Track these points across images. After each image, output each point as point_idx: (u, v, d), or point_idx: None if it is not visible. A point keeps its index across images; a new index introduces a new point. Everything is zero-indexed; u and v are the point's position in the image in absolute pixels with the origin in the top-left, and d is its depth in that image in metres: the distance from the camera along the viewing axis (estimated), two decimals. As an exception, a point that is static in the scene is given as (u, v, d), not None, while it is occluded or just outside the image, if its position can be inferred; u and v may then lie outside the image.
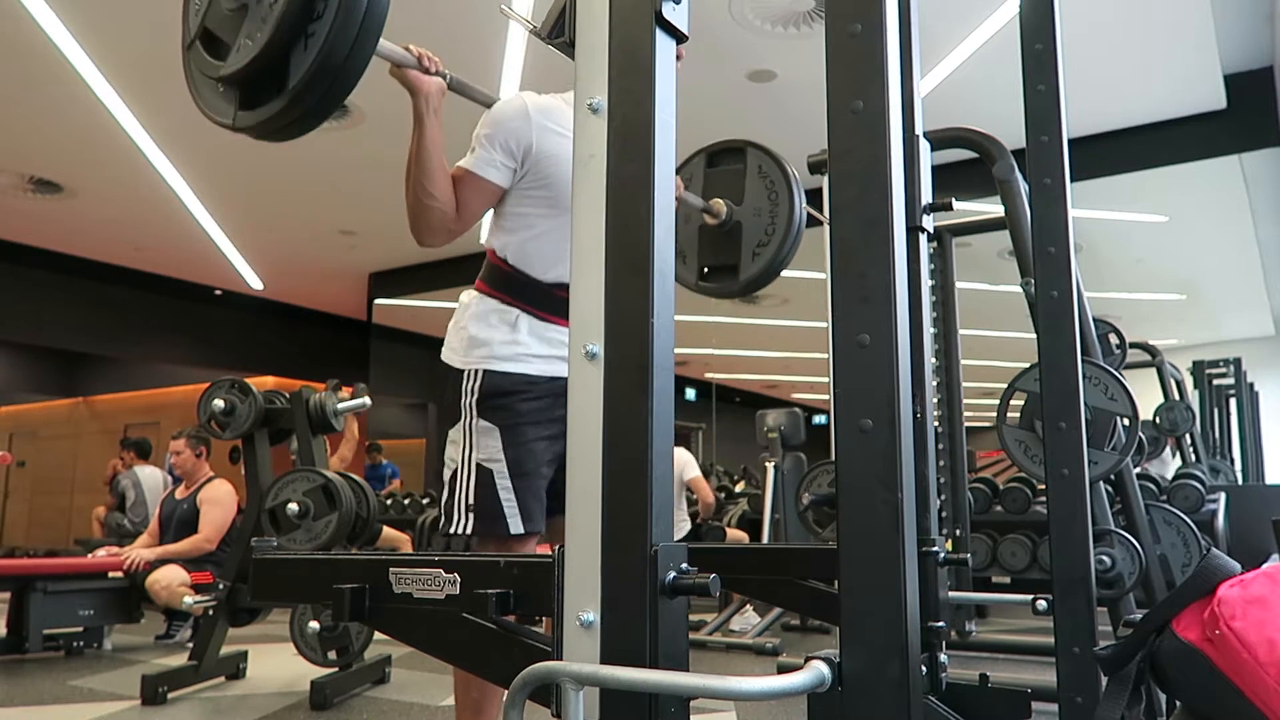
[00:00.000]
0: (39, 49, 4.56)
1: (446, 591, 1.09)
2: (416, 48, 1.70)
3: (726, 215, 2.21)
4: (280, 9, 1.14)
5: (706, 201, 2.22)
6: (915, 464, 0.94)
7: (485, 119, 1.80)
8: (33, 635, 3.91)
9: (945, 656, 1.68)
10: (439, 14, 4.34)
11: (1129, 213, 6.52)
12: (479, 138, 1.78)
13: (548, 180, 1.78)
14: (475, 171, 1.76)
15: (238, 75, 1.20)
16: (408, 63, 1.68)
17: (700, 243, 2.28)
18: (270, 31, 1.15)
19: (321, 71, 1.16)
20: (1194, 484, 4.36)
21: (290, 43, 1.16)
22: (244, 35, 1.19)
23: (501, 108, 1.79)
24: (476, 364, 1.81)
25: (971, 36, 4.56)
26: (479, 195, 1.78)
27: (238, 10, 1.20)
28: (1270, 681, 0.84)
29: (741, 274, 2.23)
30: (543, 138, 1.76)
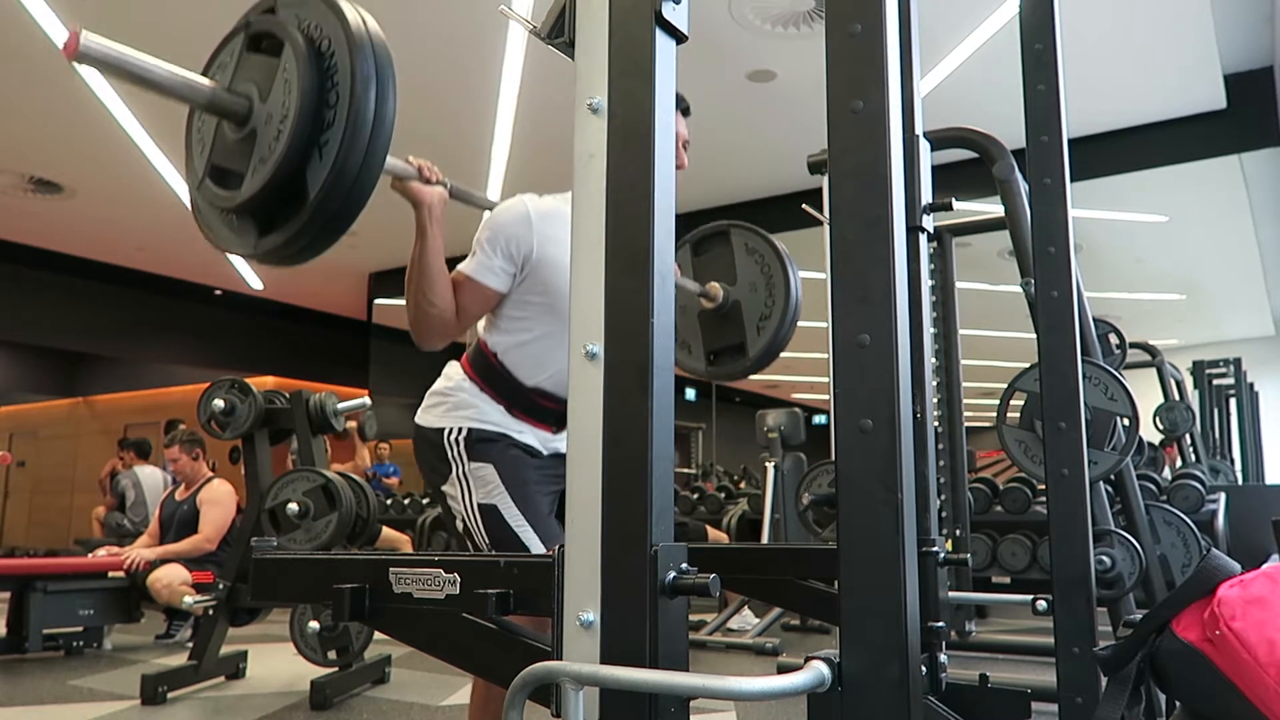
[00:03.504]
0: (39, 49, 4.56)
1: (446, 591, 1.08)
2: (416, 159, 1.69)
3: (724, 297, 2.22)
4: (291, 124, 1.13)
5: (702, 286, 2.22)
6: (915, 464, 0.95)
7: (487, 222, 1.79)
8: (33, 635, 3.91)
9: (945, 656, 1.68)
10: (439, 14, 4.34)
11: (1129, 213, 6.52)
12: (480, 242, 1.77)
13: (546, 287, 1.77)
14: (475, 278, 1.75)
15: (254, 200, 1.18)
16: (409, 175, 1.67)
17: (702, 328, 2.29)
18: (284, 149, 1.13)
19: (340, 179, 1.14)
20: (1194, 484, 4.36)
21: (305, 156, 1.15)
22: (255, 159, 1.18)
23: (504, 212, 1.78)
24: (460, 423, 1.80)
25: (971, 36, 4.57)
26: (478, 300, 1.77)
27: (246, 138, 1.19)
28: (1270, 682, 0.84)
29: (750, 351, 2.23)
30: (544, 245, 1.75)
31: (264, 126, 1.17)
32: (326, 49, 1.15)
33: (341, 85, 1.14)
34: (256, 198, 1.18)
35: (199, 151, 1.27)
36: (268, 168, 1.15)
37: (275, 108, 1.16)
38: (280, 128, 1.15)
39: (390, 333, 9.45)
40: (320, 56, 1.15)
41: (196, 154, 1.28)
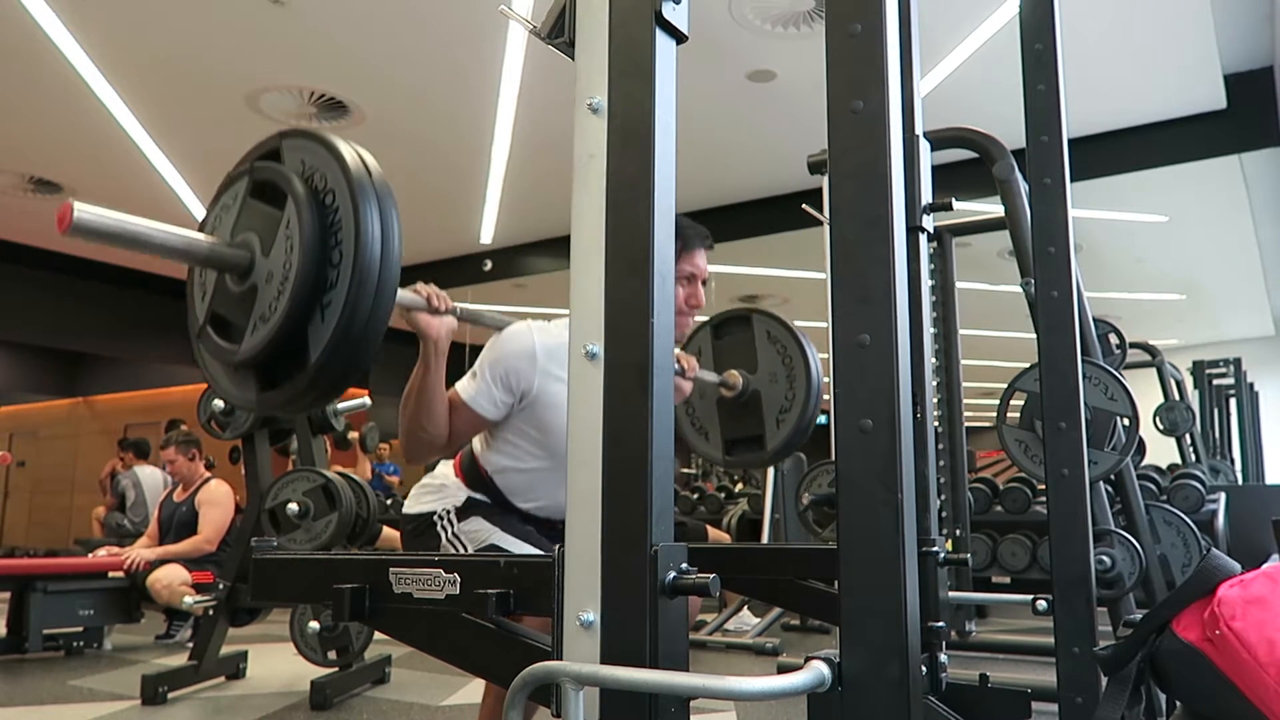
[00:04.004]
0: (39, 49, 4.56)
1: (446, 591, 1.09)
2: (425, 287, 1.62)
3: (743, 386, 2.20)
4: (293, 285, 1.09)
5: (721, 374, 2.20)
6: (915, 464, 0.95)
7: (492, 348, 1.76)
8: (33, 635, 3.91)
9: (945, 656, 1.68)
10: (439, 14, 4.34)
11: (1129, 213, 6.52)
12: (481, 367, 1.75)
13: (543, 425, 1.75)
14: (470, 405, 1.73)
15: (254, 358, 1.15)
16: (417, 305, 1.61)
17: (720, 416, 2.26)
18: (284, 310, 1.10)
19: (343, 341, 1.09)
20: (1194, 484, 4.37)
21: (306, 317, 1.11)
22: (256, 316, 1.14)
23: (509, 341, 1.75)
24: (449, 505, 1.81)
25: (971, 36, 4.56)
26: (471, 425, 1.76)
27: (247, 292, 1.16)
28: (1270, 682, 0.84)
29: (768, 444, 2.21)
30: (545, 383, 1.73)
31: (265, 284, 1.13)
32: (330, 203, 1.12)
33: (345, 244, 1.10)
34: (256, 356, 1.15)
35: (200, 298, 1.24)
36: (268, 328, 1.12)
37: (277, 265, 1.13)
38: (281, 287, 1.11)
39: (390, 333, 9.43)
40: (324, 211, 1.12)
41: (198, 299, 1.25)
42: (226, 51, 4.69)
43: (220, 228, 1.22)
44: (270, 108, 5.30)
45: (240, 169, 1.22)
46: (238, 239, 1.18)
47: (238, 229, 1.19)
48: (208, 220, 1.25)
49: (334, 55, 4.74)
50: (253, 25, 4.42)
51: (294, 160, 1.17)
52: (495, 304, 8.82)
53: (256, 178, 1.18)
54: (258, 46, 4.64)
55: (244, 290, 1.16)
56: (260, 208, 1.17)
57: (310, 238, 1.10)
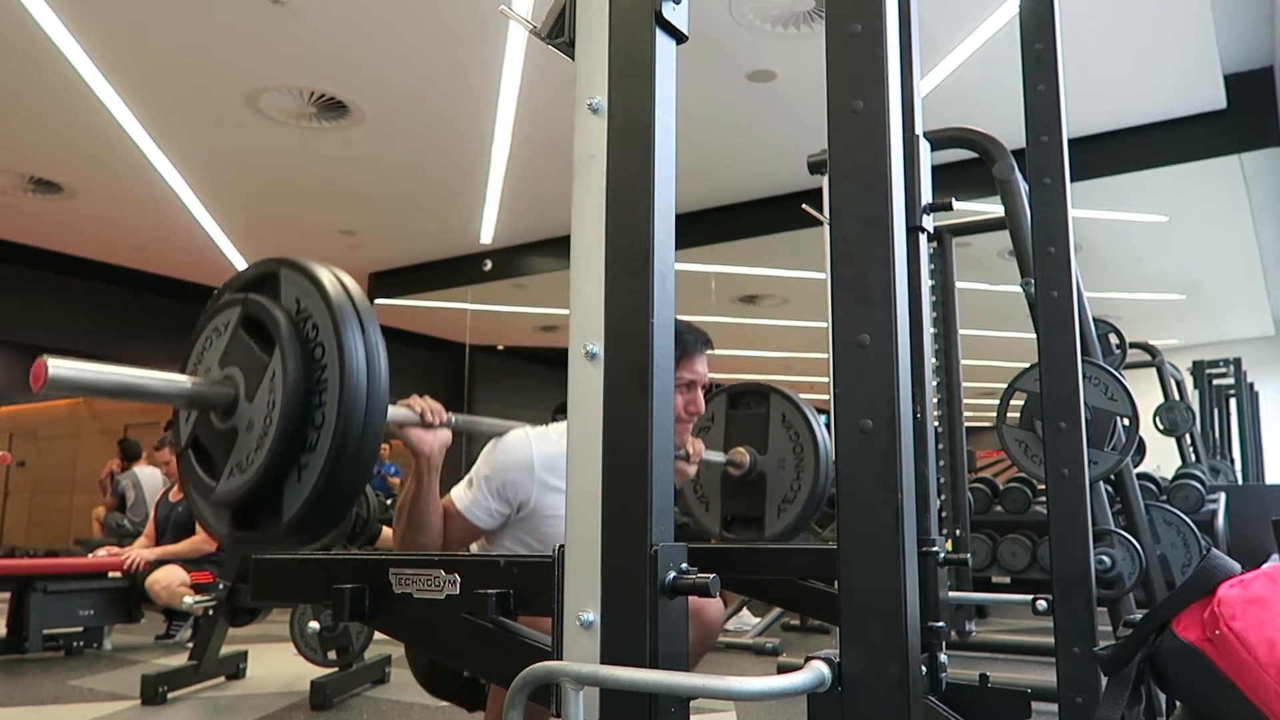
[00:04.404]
0: (39, 49, 4.56)
1: (446, 592, 1.09)
2: (420, 401, 1.57)
3: (749, 466, 2.18)
4: (272, 441, 1.07)
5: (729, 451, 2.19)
6: (915, 464, 0.95)
7: (490, 457, 1.73)
8: (33, 635, 3.91)
9: (945, 656, 1.68)
10: (439, 14, 4.34)
11: (1129, 213, 6.52)
12: (478, 477, 1.72)
13: (541, 535, 1.74)
14: (465, 515, 1.71)
15: (228, 500, 1.14)
16: (409, 421, 1.56)
17: (724, 490, 2.26)
18: (261, 465, 1.08)
19: (319, 503, 1.08)
20: (1194, 484, 4.36)
21: (282, 476, 1.10)
22: (233, 462, 1.13)
23: (507, 454, 1.72)
24: None
25: (971, 36, 4.56)
26: (465, 534, 1.74)
27: (228, 432, 1.14)
28: (1270, 682, 0.84)
29: (767, 530, 2.21)
30: (543, 495, 1.71)
31: (245, 432, 1.12)
32: (319, 357, 1.09)
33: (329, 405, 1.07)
34: (230, 501, 1.14)
35: (185, 417, 1.23)
36: (243, 478, 1.11)
37: (258, 415, 1.11)
38: (260, 441, 1.09)
39: (390, 333, 9.40)
40: (311, 366, 1.09)
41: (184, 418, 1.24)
42: (226, 51, 4.69)
43: (210, 352, 1.20)
44: (270, 108, 5.30)
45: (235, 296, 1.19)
46: (223, 374, 1.16)
47: (226, 359, 1.17)
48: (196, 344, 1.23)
49: (334, 55, 4.74)
50: (253, 25, 4.42)
51: (290, 298, 1.14)
52: (495, 304, 8.82)
53: (249, 310, 1.15)
54: (258, 46, 4.64)
55: (226, 429, 1.15)
56: (249, 344, 1.15)
57: (294, 395, 1.07)
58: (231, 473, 1.13)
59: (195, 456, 1.20)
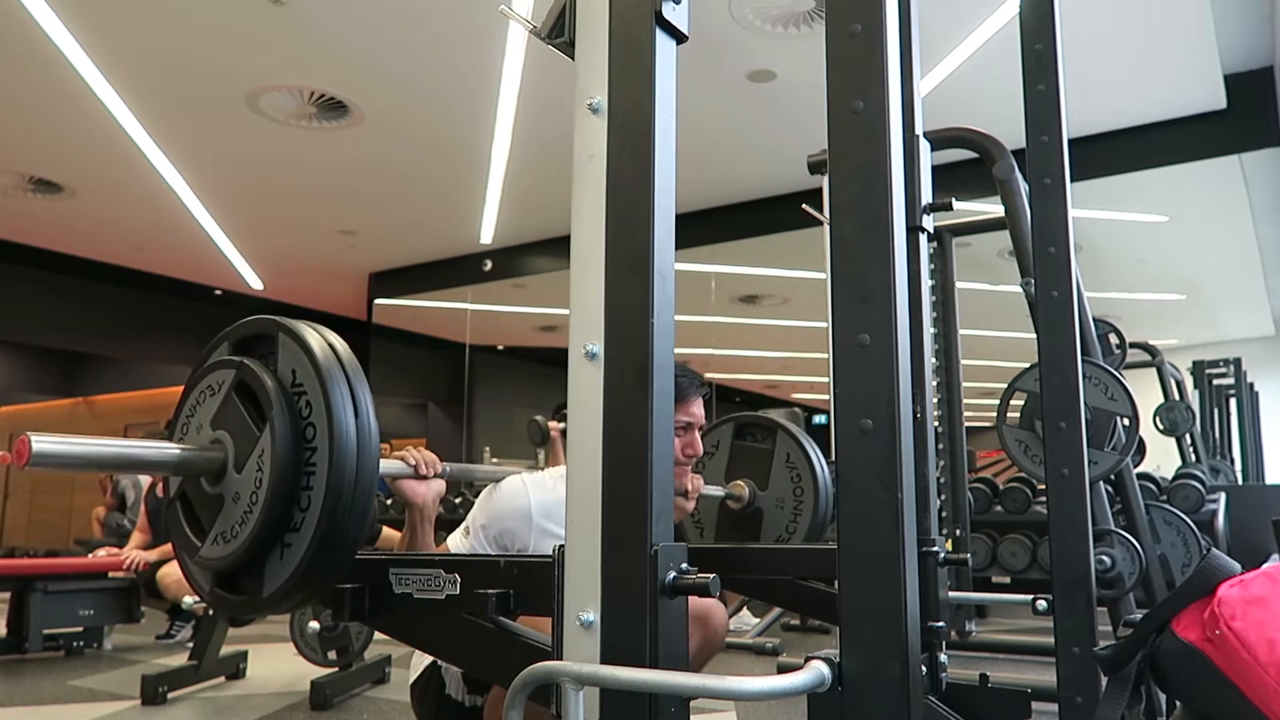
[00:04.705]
0: (39, 49, 4.56)
1: (446, 591, 1.09)
2: (414, 454, 1.57)
3: (748, 501, 2.18)
4: (257, 519, 1.07)
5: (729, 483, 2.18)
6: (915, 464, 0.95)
7: (487, 505, 1.73)
8: (33, 635, 3.91)
9: (945, 656, 1.68)
10: (439, 14, 4.34)
11: (1129, 213, 6.52)
12: (475, 525, 1.72)
13: None
14: None
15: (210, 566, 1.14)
16: (404, 475, 1.56)
17: (720, 519, 2.25)
18: (245, 540, 1.08)
19: (301, 580, 1.07)
20: (1194, 484, 4.36)
21: (265, 552, 1.09)
22: (217, 530, 1.12)
23: (504, 502, 1.72)
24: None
25: (971, 36, 4.56)
26: None
27: (215, 497, 1.14)
28: (1270, 681, 0.84)
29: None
30: (540, 541, 1.70)
31: (231, 503, 1.11)
32: (310, 437, 1.08)
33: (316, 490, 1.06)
34: (212, 565, 1.14)
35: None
36: (227, 549, 1.11)
37: (245, 488, 1.10)
38: (245, 517, 1.09)
39: (390, 333, 9.46)
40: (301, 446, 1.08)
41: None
42: (226, 51, 4.69)
43: (202, 410, 1.19)
44: (270, 108, 5.30)
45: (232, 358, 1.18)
46: (213, 437, 1.16)
47: (217, 421, 1.17)
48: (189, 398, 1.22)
49: (334, 55, 4.74)
50: (253, 25, 4.42)
51: (285, 368, 1.13)
52: (495, 304, 8.82)
53: (244, 377, 1.15)
54: (258, 46, 4.64)
55: (213, 493, 1.14)
56: (240, 411, 1.14)
57: (281, 476, 1.07)
58: (216, 540, 1.13)
59: (182, 512, 1.20)
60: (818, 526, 2.14)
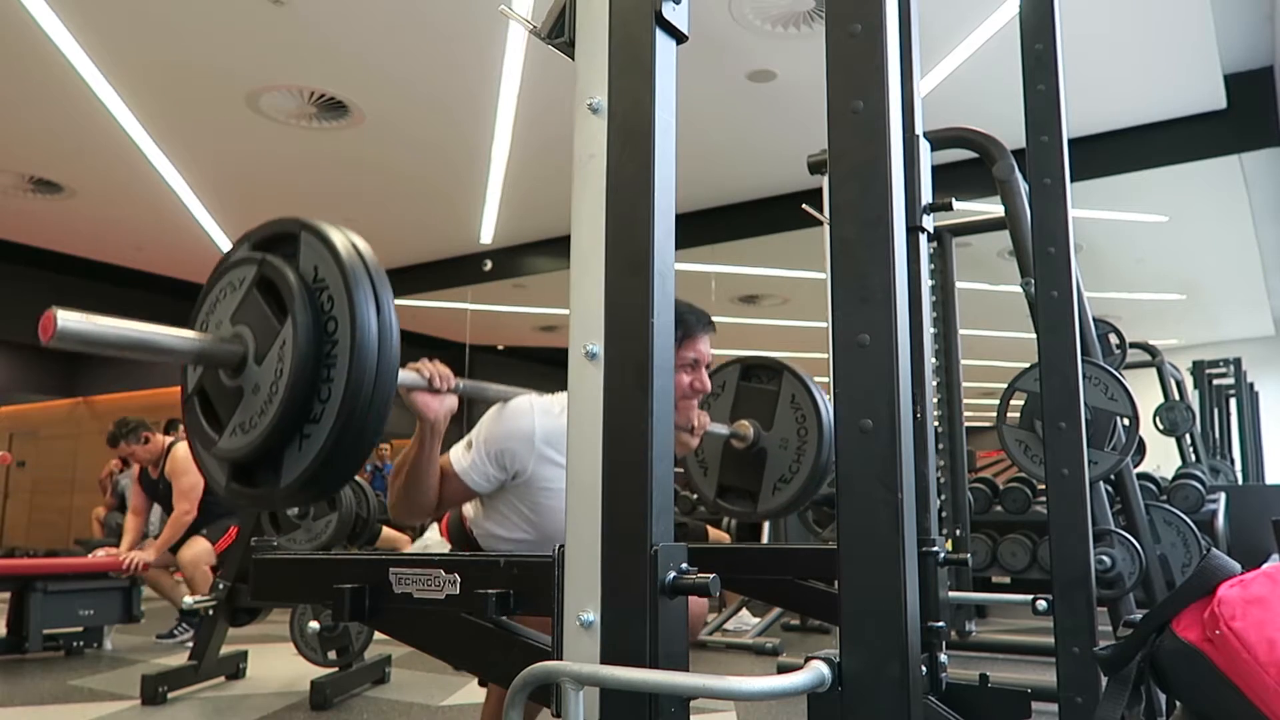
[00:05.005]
0: (39, 49, 4.56)
1: (446, 591, 1.09)
2: (429, 366, 1.55)
3: (752, 440, 2.19)
4: (276, 409, 1.07)
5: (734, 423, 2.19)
6: (915, 464, 0.95)
7: (493, 424, 1.72)
8: (33, 635, 3.91)
9: (945, 656, 1.68)
10: (439, 14, 4.34)
11: (1129, 213, 6.52)
12: (478, 440, 1.72)
13: (535, 505, 1.74)
14: (461, 476, 1.70)
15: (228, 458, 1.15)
16: (417, 386, 1.54)
17: (724, 459, 2.26)
18: (263, 431, 1.08)
19: (318, 472, 1.08)
20: (1194, 484, 4.36)
21: (283, 444, 1.09)
22: (236, 422, 1.13)
23: (509, 421, 1.71)
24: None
25: (971, 36, 4.56)
26: (461, 495, 1.74)
27: (234, 390, 1.14)
28: (1270, 681, 0.84)
29: (760, 505, 2.22)
30: (540, 467, 1.71)
31: (251, 394, 1.11)
32: (332, 331, 1.08)
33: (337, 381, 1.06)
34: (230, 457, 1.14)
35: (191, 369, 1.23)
36: (245, 439, 1.11)
37: (265, 380, 1.10)
38: (265, 407, 1.09)
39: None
40: (322, 340, 1.08)
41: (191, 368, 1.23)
42: (226, 51, 4.69)
43: (222, 306, 1.19)
44: (270, 108, 5.30)
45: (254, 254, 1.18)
46: (234, 331, 1.15)
47: (237, 316, 1.16)
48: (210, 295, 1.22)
49: (334, 55, 4.74)
50: (253, 25, 4.42)
51: (308, 264, 1.13)
52: (495, 304, 8.82)
53: (265, 272, 1.14)
54: (258, 46, 4.64)
55: (232, 387, 1.14)
56: (262, 306, 1.14)
57: (302, 368, 1.06)
58: (235, 431, 1.13)
59: (200, 407, 1.20)
60: (820, 469, 2.14)
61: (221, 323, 1.18)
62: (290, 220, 1.18)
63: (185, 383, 1.24)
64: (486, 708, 1.79)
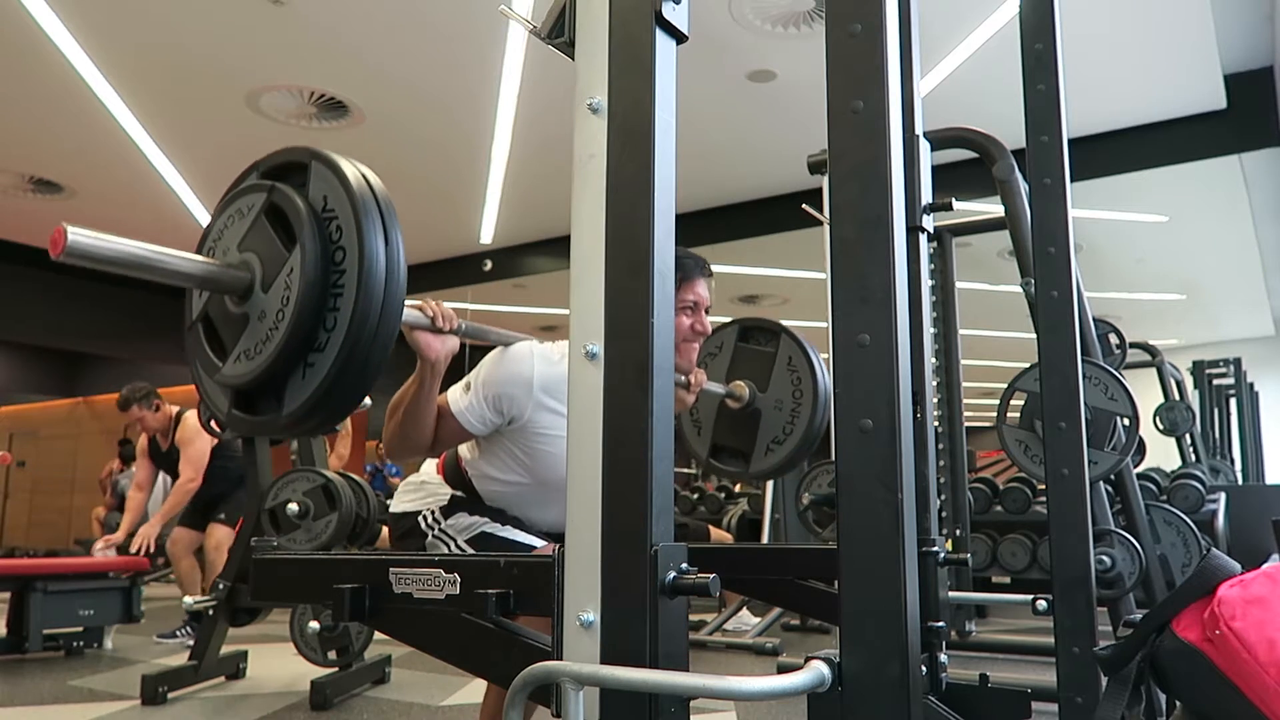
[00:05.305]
0: (39, 49, 4.56)
1: (446, 591, 1.09)
2: (432, 304, 1.55)
3: (747, 400, 2.20)
4: (282, 337, 1.07)
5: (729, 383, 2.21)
6: (915, 464, 0.95)
7: (491, 366, 1.73)
8: (33, 635, 3.91)
9: (945, 656, 1.68)
10: (439, 14, 4.34)
11: (1129, 213, 6.52)
12: (476, 382, 1.72)
13: (530, 450, 1.75)
14: (458, 417, 1.70)
15: (231, 385, 1.15)
16: (420, 324, 1.54)
17: (718, 418, 2.27)
18: (268, 357, 1.08)
19: (320, 402, 1.08)
20: (1194, 484, 4.37)
21: (287, 372, 1.10)
22: (240, 348, 1.13)
23: (508, 366, 1.71)
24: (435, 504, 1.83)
25: (971, 36, 4.56)
26: (457, 436, 1.74)
27: (239, 318, 1.14)
28: (1270, 681, 0.84)
29: (752, 466, 2.23)
30: (537, 413, 1.71)
31: (256, 320, 1.11)
32: (340, 260, 1.08)
33: (343, 312, 1.06)
34: (233, 383, 1.14)
35: (198, 292, 1.23)
36: (250, 365, 1.11)
37: (271, 307, 1.10)
38: (270, 334, 1.09)
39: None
40: (330, 270, 1.08)
41: (196, 294, 1.23)
42: (226, 51, 4.69)
43: (230, 232, 1.19)
44: (270, 108, 5.30)
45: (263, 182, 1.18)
46: (241, 258, 1.16)
47: (245, 244, 1.16)
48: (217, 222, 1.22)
49: (334, 55, 4.74)
50: (253, 25, 4.42)
51: (317, 194, 1.13)
52: (495, 304, 8.82)
53: (275, 200, 1.14)
54: (258, 46, 4.64)
55: (238, 313, 1.14)
56: (270, 233, 1.14)
57: (309, 296, 1.06)
58: (239, 358, 1.13)
59: (204, 334, 1.20)
60: (814, 432, 2.15)
61: (229, 249, 1.18)
62: (301, 149, 1.18)
63: (189, 309, 1.24)
64: (485, 706, 1.79)
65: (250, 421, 1.17)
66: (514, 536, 1.75)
